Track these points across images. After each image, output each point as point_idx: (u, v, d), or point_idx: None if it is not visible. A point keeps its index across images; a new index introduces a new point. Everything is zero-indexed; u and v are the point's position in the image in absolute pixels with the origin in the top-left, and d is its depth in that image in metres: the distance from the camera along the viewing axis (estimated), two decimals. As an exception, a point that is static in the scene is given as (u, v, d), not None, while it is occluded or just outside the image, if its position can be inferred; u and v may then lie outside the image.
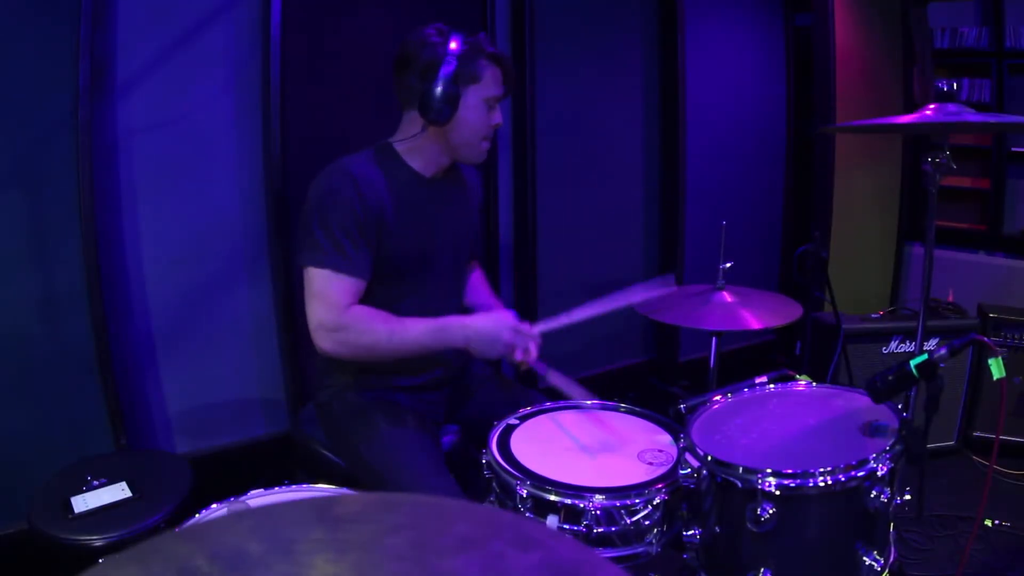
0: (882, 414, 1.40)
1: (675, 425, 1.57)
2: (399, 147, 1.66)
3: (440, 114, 1.55)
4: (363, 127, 1.72)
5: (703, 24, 3.36)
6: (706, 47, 3.39)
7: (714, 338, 2.09)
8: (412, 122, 1.63)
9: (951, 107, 1.80)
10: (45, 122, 2.05)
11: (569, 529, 1.32)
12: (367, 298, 1.61)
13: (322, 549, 0.41)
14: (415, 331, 1.56)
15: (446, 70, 1.53)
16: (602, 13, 3.13)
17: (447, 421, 1.85)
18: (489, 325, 1.58)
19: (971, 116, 1.74)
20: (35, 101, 2.03)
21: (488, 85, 1.60)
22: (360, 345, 1.55)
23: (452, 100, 1.55)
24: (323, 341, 1.54)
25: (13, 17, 1.96)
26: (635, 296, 1.66)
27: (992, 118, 2.01)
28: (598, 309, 1.63)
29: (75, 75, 2.03)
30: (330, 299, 1.53)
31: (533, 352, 1.67)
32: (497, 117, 1.65)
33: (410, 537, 0.42)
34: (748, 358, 3.70)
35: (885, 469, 1.24)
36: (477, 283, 1.96)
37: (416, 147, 1.65)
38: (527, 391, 1.90)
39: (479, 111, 1.60)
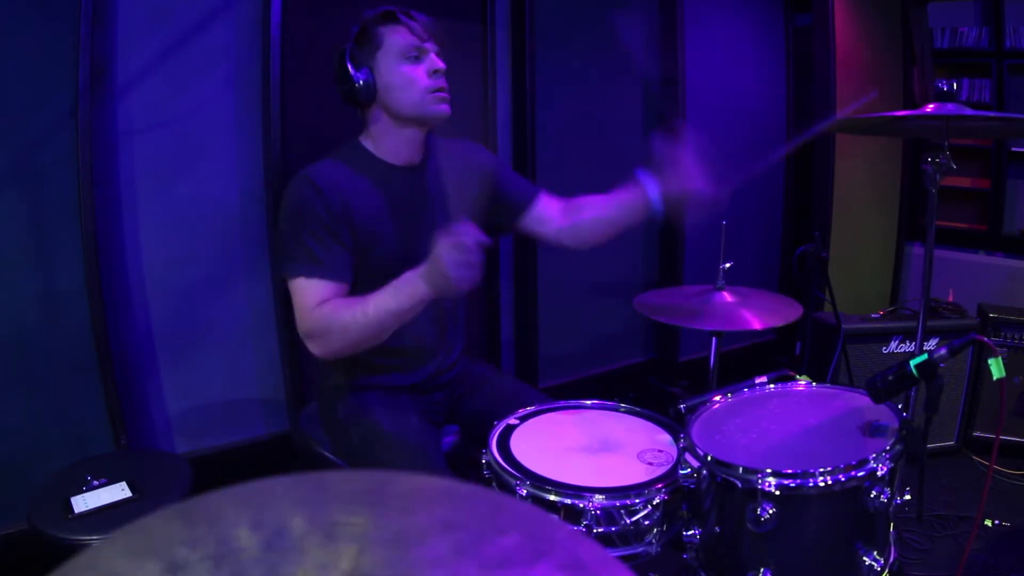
0: (882, 414, 1.40)
1: (675, 425, 1.57)
2: (365, 142, 1.66)
3: (363, 94, 1.57)
4: (360, 122, 1.71)
5: (703, 24, 3.36)
6: (706, 46, 3.39)
7: (714, 338, 2.09)
8: (364, 117, 1.65)
9: (950, 107, 1.81)
10: (45, 121, 2.05)
11: (569, 529, 1.32)
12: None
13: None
14: (376, 298, 1.46)
15: (347, 58, 1.57)
16: (602, 13, 3.13)
17: (447, 421, 1.85)
18: (433, 263, 1.38)
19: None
20: (35, 101, 2.03)
21: (394, 42, 1.57)
22: (337, 335, 1.48)
23: (365, 78, 1.56)
24: (313, 348, 1.52)
25: (13, 17, 1.96)
26: None
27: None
28: None
29: (75, 75, 2.03)
30: (302, 305, 1.51)
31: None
32: (433, 63, 1.59)
33: (458, 539, 0.40)
34: (748, 358, 3.71)
35: (885, 469, 1.24)
36: (585, 200, 1.84)
37: (376, 136, 1.64)
38: (527, 391, 1.89)
39: (399, 68, 1.57)
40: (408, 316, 1.47)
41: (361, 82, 1.57)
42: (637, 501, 1.33)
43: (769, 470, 1.21)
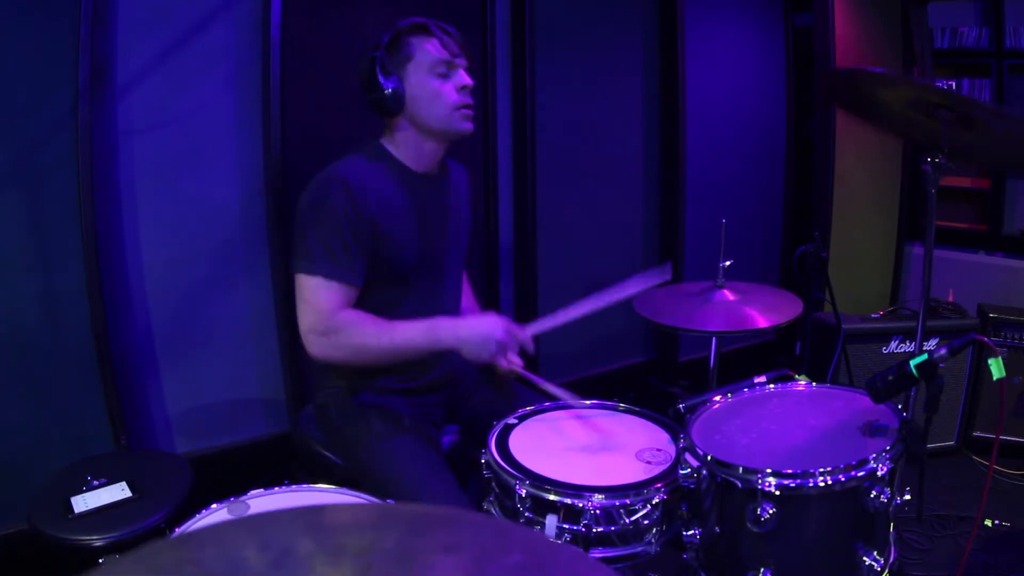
0: (882, 414, 1.40)
1: (675, 425, 1.57)
2: (388, 145, 1.67)
3: (391, 104, 1.58)
4: (363, 125, 1.71)
5: (703, 24, 3.36)
6: (706, 47, 3.39)
7: (714, 338, 2.09)
8: (388, 124, 1.67)
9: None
10: (45, 122, 2.05)
11: (568, 528, 1.32)
12: (368, 302, 1.61)
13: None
14: (405, 331, 1.55)
15: (378, 66, 1.58)
16: (602, 13, 3.13)
17: (447, 421, 1.85)
18: (481, 326, 1.56)
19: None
20: (35, 101, 2.03)
21: (425, 55, 1.59)
22: (350, 347, 1.54)
23: (394, 88, 1.58)
24: (313, 346, 1.54)
25: (13, 17, 1.96)
26: (631, 288, 1.66)
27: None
28: (593, 305, 1.62)
29: (75, 75, 2.03)
30: (319, 305, 1.52)
31: (517, 361, 1.69)
32: (462, 79, 1.61)
33: (462, 559, 0.40)
34: (748, 358, 3.70)
35: (885, 469, 1.24)
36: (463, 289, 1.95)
37: (399, 143, 1.66)
38: (526, 391, 1.89)
39: (428, 83, 1.59)
40: (424, 356, 1.62)
41: (390, 90, 1.58)
42: (636, 501, 1.33)
43: (769, 470, 1.21)
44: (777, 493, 1.20)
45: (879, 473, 1.23)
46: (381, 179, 1.61)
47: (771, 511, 1.19)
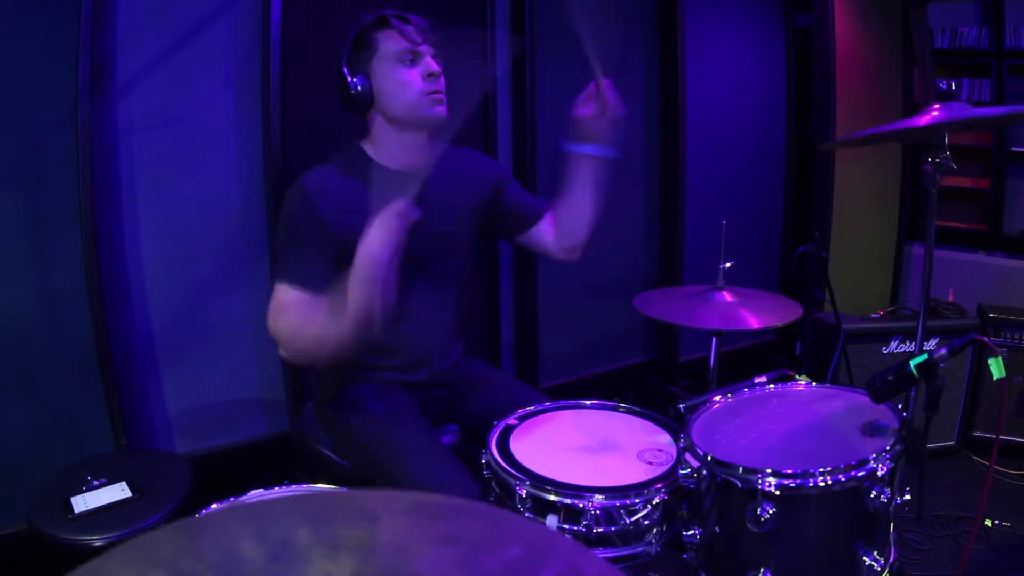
0: (882, 414, 1.40)
1: (675, 425, 1.57)
2: (366, 146, 1.67)
3: (361, 99, 1.59)
4: (363, 126, 1.71)
5: (703, 24, 3.36)
6: (706, 47, 3.39)
7: (714, 338, 2.09)
8: (364, 121, 1.67)
9: (957, 107, 1.78)
10: (45, 121, 2.05)
11: (569, 529, 1.32)
12: None
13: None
14: (346, 298, 1.42)
15: (344, 64, 1.60)
16: (602, 13, 3.13)
17: (446, 421, 1.85)
18: (370, 232, 1.42)
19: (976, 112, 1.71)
20: (35, 101, 2.03)
21: (387, 47, 1.59)
22: (310, 343, 1.47)
23: (361, 84, 1.59)
24: (283, 351, 1.51)
25: (13, 17, 1.96)
26: None
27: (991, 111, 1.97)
28: None
29: (75, 75, 2.03)
30: (276, 309, 1.49)
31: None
32: (428, 66, 1.59)
33: (460, 551, 0.41)
34: (748, 358, 3.71)
35: (885, 469, 1.24)
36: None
37: (376, 140, 1.66)
38: (527, 391, 1.89)
39: (393, 73, 1.58)
40: (370, 291, 1.40)
41: (358, 88, 1.59)
42: (637, 501, 1.33)
43: (769, 470, 1.21)
44: (777, 493, 1.20)
45: (879, 473, 1.23)
46: (349, 183, 1.59)
47: (771, 511, 1.19)
